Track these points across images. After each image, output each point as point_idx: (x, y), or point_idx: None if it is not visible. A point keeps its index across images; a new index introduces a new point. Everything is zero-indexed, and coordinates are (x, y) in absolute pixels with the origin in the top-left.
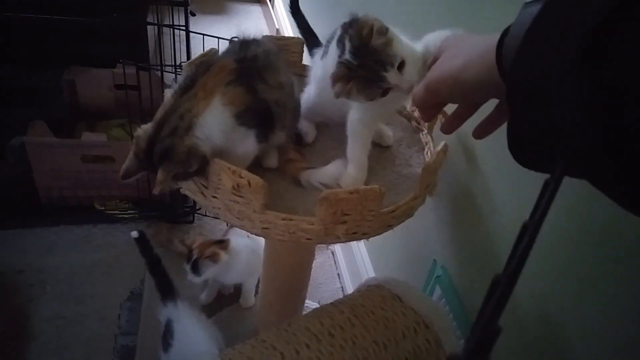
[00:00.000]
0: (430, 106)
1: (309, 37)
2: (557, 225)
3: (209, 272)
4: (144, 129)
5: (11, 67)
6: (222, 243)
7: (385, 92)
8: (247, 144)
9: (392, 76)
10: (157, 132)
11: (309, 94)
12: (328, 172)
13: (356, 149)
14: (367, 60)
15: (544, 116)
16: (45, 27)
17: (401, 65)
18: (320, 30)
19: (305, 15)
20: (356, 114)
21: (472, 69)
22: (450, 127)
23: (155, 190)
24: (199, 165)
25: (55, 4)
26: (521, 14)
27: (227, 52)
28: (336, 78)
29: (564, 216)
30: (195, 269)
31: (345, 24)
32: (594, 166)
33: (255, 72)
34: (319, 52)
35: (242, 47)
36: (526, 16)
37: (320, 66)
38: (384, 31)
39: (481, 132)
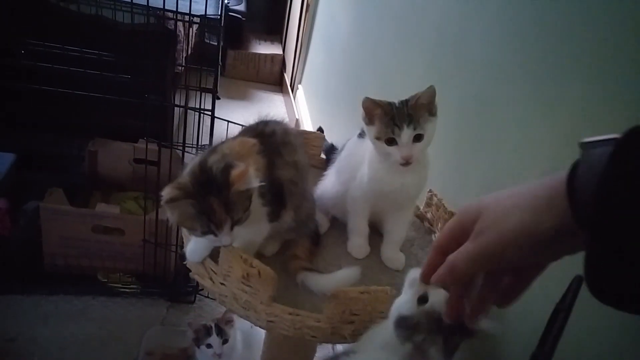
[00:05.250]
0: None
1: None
2: None
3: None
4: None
5: (40, 134)
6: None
7: None
8: (260, 222)
9: None
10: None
11: (324, 190)
12: (335, 279)
13: (356, 220)
14: None
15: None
16: (77, 101)
17: None
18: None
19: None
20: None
21: (543, 219)
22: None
23: None
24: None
25: (92, 82)
26: (588, 155)
27: (245, 130)
28: None
29: None
30: (220, 332)
31: None
32: None
33: (274, 147)
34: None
35: (260, 124)
36: (596, 157)
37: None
38: None
39: (504, 301)
